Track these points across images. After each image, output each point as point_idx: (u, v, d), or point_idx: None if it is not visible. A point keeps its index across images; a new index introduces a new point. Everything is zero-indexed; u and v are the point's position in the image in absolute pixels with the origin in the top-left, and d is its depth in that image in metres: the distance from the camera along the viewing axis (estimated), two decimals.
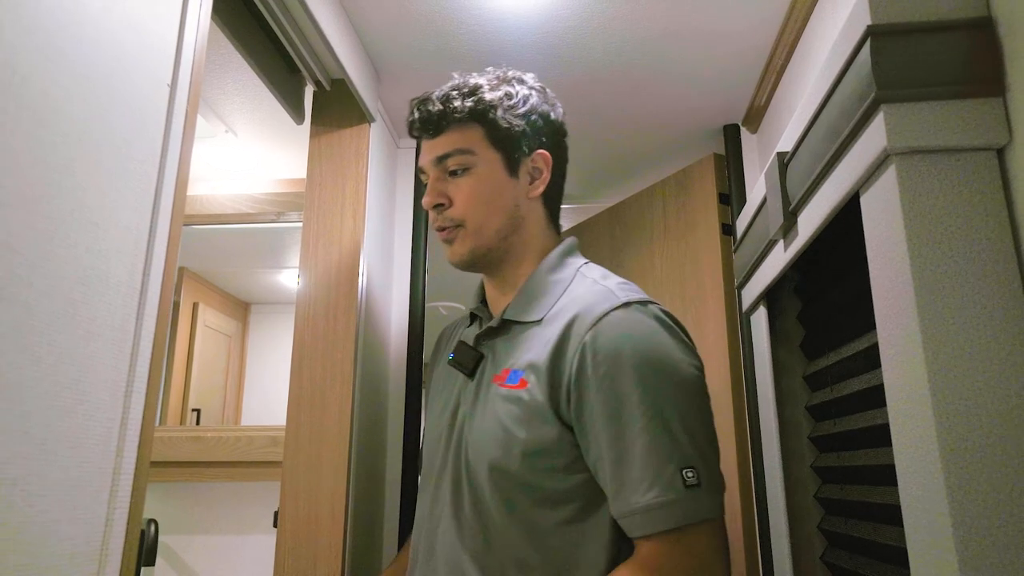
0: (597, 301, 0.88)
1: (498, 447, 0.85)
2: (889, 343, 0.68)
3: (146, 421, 0.64)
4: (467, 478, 0.87)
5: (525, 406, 0.85)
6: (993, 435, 0.58)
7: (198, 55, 0.74)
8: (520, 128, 0.97)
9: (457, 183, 0.96)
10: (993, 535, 0.57)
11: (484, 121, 0.96)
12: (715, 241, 1.59)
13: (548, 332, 0.88)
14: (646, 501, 0.77)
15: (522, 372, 0.88)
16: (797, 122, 0.91)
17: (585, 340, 0.84)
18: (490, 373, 0.92)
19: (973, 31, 0.64)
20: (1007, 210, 0.62)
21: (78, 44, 0.58)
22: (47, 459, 0.53)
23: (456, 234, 0.96)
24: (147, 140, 0.68)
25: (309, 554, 1.20)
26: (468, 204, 0.95)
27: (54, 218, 0.55)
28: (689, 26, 1.32)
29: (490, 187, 0.96)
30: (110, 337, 0.61)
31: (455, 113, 0.95)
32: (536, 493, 0.84)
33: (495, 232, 0.96)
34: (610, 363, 0.82)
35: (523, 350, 0.90)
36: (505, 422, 0.86)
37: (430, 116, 0.96)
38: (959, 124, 0.63)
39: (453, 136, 0.96)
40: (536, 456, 0.84)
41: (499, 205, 0.96)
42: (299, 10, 1.14)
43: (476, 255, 0.97)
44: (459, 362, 0.95)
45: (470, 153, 0.95)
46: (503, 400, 0.87)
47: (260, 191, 1.97)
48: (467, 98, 0.96)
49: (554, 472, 0.84)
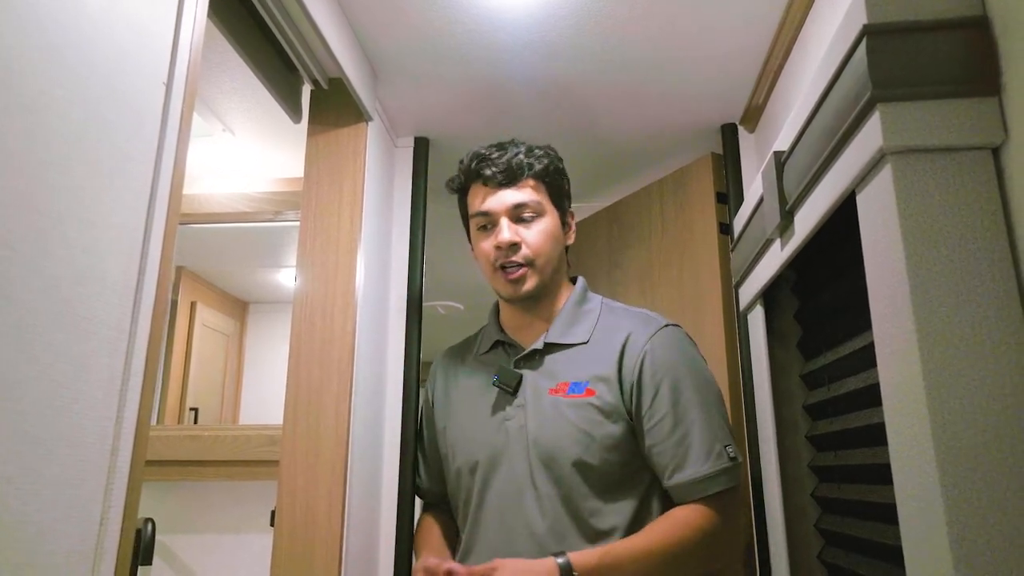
0: (644, 322, 1.16)
1: (578, 446, 1.08)
2: (885, 342, 0.68)
3: (141, 420, 0.63)
4: (545, 471, 1.09)
5: (598, 411, 1.09)
6: (988, 433, 0.58)
7: (194, 54, 0.74)
8: (566, 190, 1.24)
9: (529, 227, 1.16)
10: (987, 533, 0.57)
11: (549, 182, 1.20)
12: (713, 240, 1.59)
13: (601, 349, 1.14)
14: (706, 470, 1.05)
15: (586, 383, 1.11)
16: (794, 121, 0.91)
17: (645, 350, 1.11)
18: (542, 386, 1.14)
19: (969, 31, 0.64)
20: (1002, 209, 0.62)
21: (74, 43, 0.58)
22: (42, 457, 0.53)
23: (527, 272, 1.16)
24: (143, 139, 0.68)
25: (306, 553, 1.20)
26: (542, 245, 1.16)
27: (50, 216, 0.54)
28: (687, 25, 1.32)
29: (554, 234, 1.19)
30: (106, 336, 0.61)
31: (533, 169, 1.18)
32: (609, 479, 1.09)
33: (552, 271, 1.19)
34: (667, 368, 1.10)
35: (577, 366, 1.14)
36: (582, 425, 1.09)
37: (510, 166, 1.16)
38: (955, 123, 0.63)
39: (527, 190, 1.17)
40: (610, 451, 1.08)
41: (557, 250, 1.20)
42: (296, 9, 1.13)
43: (539, 289, 1.17)
44: (504, 383, 1.16)
45: (541, 205, 1.18)
46: (574, 407, 1.10)
47: (257, 190, 1.97)
48: (539, 160, 1.19)
49: (621, 464, 1.09)
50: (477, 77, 1.49)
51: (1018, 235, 0.61)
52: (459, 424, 1.22)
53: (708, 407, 1.10)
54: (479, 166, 1.18)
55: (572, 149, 1.69)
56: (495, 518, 1.11)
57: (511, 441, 1.13)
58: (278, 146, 1.83)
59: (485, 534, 1.12)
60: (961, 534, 0.57)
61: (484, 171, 1.17)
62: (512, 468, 1.11)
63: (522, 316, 1.22)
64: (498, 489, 1.12)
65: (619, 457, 1.09)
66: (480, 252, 1.21)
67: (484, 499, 1.13)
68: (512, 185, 1.17)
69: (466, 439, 1.19)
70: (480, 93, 1.55)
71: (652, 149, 1.81)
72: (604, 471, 1.08)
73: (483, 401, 1.19)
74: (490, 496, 1.13)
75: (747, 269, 1.22)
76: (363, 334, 1.37)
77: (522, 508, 1.09)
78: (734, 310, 1.52)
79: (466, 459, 1.17)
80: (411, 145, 1.72)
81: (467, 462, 1.17)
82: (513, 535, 1.08)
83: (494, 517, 1.11)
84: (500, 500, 1.11)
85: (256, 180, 1.99)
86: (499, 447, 1.13)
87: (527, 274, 1.16)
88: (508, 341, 1.23)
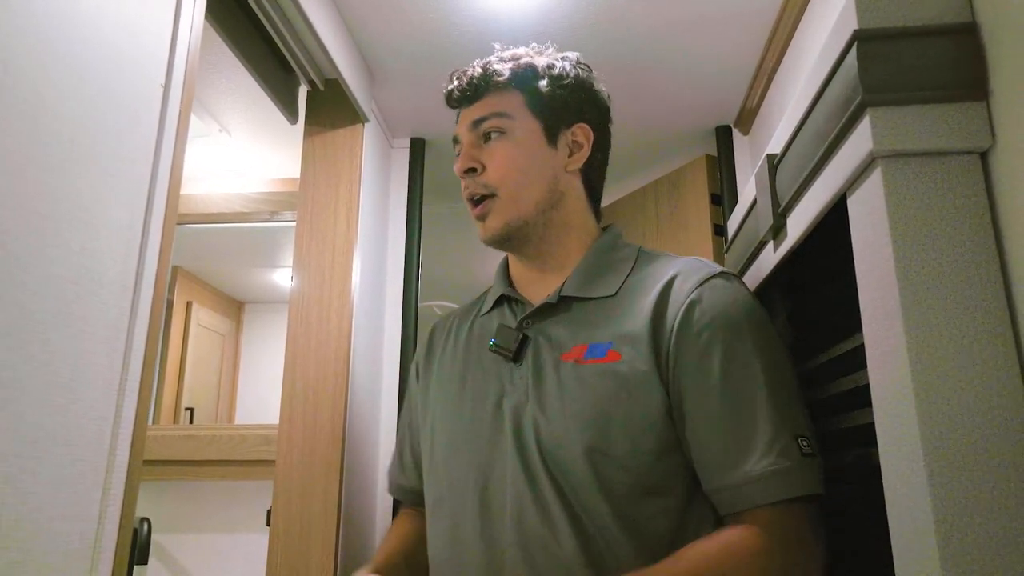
0: (694, 268, 0.86)
1: (593, 428, 0.78)
2: (874, 343, 0.69)
3: (139, 419, 0.64)
4: (545, 466, 0.79)
5: (624, 379, 0.80)
6: (975, 434, 0.59)
7: (192, 55, 0.75)
8: (562, 97, 0.93)
9: (491, 148, 0.90)
10: (974, 532, 0.58)
11: (524, 87, 0.92)
12: (707, 241, 1.60)
13: (634, 303, 0.85)
14: (761, 469, 0.73)
15: (610, 344, 0.82)
16: (786, 125, 0.92)
17: (691, 298, 0.81)
18: (553, 353, 0.85)
19: (958, 36, 0.65)
20: (990, 212, 0.63)
21: (72, 44, 0.59)
22: (40, 457, 0.54)
23: (490, 207, 0.90)
24: (140, 140, 0.68)
25: (302, 552, 1.20)
26: (502, 169, 0.89)
27: (48, 217, 0.55)
28: (681, 30, 1.33)
29: (527, 154, 0.90)
30: (103, 336, 0.61)
31: (495, 76, 0.92)
32: (636, 478, 0.77)
33: (534, 204, 0.90)
34: (721, 321, 0.80)
35: (599, 324, 0.85)
36: (599, 401, 0.79)
37: (470, 81, 0.93)
38: (944, 128, 0.64)
39: (491, 100, 0.92)
40: (637, 437, 0.78)
41: (536, 175, 0.90)
42: (293, 10, 1.14)
43: (512, 228, 0.90)
44: (503, 346, 0.87)
45: (507, 117, 0.91)
46: (592, 376, 0.81)
47: (254, 190, 1.98)
48: (508, 62, 0.93)
49: (653, 455, 0.78)
50: None
51: (1005, 238, 0.62)
52: (443, 404, 0.93)
53: (774, 382, 0.79)
54: (447, 85, 0.96)
55: None
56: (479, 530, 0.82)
57: (507, 425, 0.84)
58: (274, 147, 1.83)
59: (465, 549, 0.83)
60: (948, 534, 0.58)
61: (447, 89, 0.96)
62: (505, 465, 0.83)
63: (526, 266, 0.95)
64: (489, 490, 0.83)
65: (651, 445, 0.78)
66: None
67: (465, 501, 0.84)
68: (475, 100, 0.93)
69: (456, 423, 0.90)
70: None
71: (647, 151, 1.82)
72: (627, 465, 0.77)
73: (480, 372, 0.91)
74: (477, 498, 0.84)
75: (741, 270, 1.22)
76: (359, 334, 1.38)
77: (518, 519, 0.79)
78: None
79: (456, 446, 0.89)
80: (407, 146, 1.73)
81: (456, 449, 0.88)
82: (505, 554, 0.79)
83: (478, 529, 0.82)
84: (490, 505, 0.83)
85: (252, 180, 2.00)
86: (494, 433, 0.85)
87: (490, 208, 0.90)
88: (514, 296, 0.95)
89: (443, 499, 0.88)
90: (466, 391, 0.91)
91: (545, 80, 0.92)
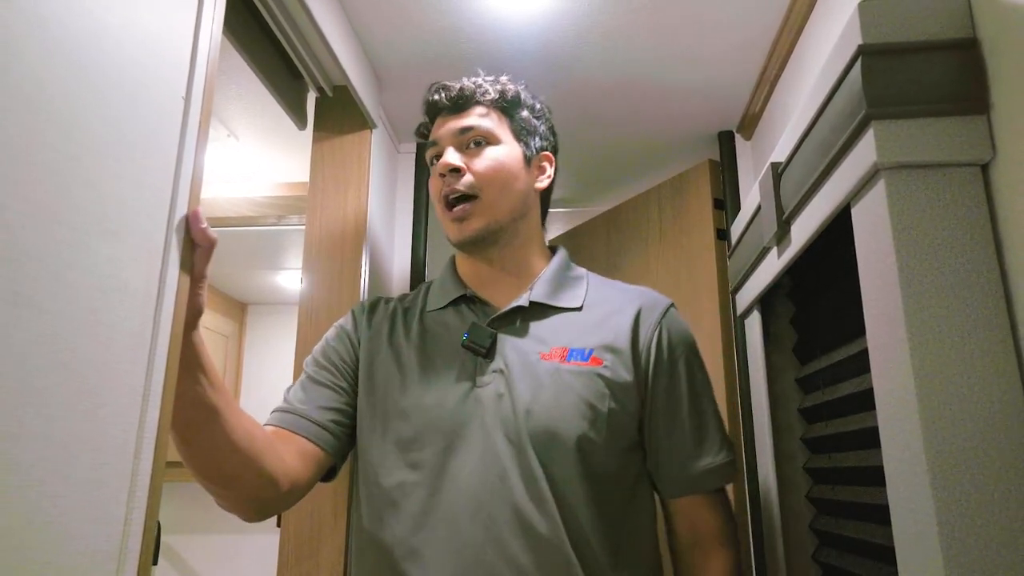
0: (652, 299, 1.04)
1: (585, 420, 0.91)
2: (878, 349, 0.71)
3: (162, 424, 0.65)
4: (539, 448, 0.89)
5: (608, 383, 0.94)
6: (976, 438, 0.61)
7: (211, 68, 0.76)
8: (536, 127, 1.06)
9: (477, 153, 0.99)
10: (977, 534, 0.59)
11: (509, 112, 1.04)
12: (710, 246, 1.61)
13: (604, 318, 0.99)
14: (720, 459, 0.98)
15: (591, 351, 0.95)
16: (791, 135, 0.93)
17: (660, 329, 0.99)
18: (527, 350, 0.95)
19: (959, 51, 0.67)
20: (990, 223, 0.65)
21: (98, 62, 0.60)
22: (70, 462, 0.55)
23: (470, 210, 0.98)
24: (163, 151, 0.70)
25: (312, 553, 1.22)
26: (489, 173, 0.98)
27: (76, 229, 0.56)
28: (686, 36, 1.34)
29: (509, 166, 1.00)
30: (128, 343, 0.63)
31: (486, 95, 1.02)
32: (608, 467, 0.92)
33: (509, 212, 1.00)
34: (682, 348, 1.00)
35: (574, 332, 0.98)
36: (586, 396, 0.92)
37: (460, 92, 1.02)
38: (945, 141, 0.66)
39: (480, 116, 1.02)
40: (615, 431, 0.93)
41: (514, 186, 1.01)
42: (303, 18, 1.16)
43: (488, 231, 0.99)
44: (476, 342, 0.95)
45: (494, 132, 1.01)
46: (577, 375, 0.93)
47: (261, 194, 1.99)
48: (496, 85, 1.04)
49: (624, 449, 0.95)
50: None
51: (1006, 248, 0.64)
52: (406, 388, 0.96)
53: (712, 394, 1.02)
54: (431, 93, 1.05)
55: (572, 154, 1.72)
56: (463, 505, 0.87)
57: (485, 411, 0.91)
58: (281, 151, 1.85)
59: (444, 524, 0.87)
60: (951, 535, 0.60)
61: (433, 97, 1.04)
62: (488, 443, 0.89)
63: (487, 270, 1.04)
64: (467, 469, 0.89)
65: (621, 441, 0.94)
66: (430, 190, 1.05)
67: (442, 481, 0.89)
68: (462, 111, 1.02)
69: (419, 406, 0.94)
70: None
71: (651, 155, 1.84)
72: (605, 455, 0.92)
73: (441, 363, 0.97)
74: (452, 477, 0.89)
75: (744, 275, 1.24)
76: None
77: (507, 493, 0.87)
78: (731, 315, 1.55)
79: (418, 429, 0.92)
80: (413, 151, 1.75)
81: (420, 433, 0.92)
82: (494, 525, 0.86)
83: (461, 504, 0.87)
84: (471, 483, 0.88)
85: (260, 185, 2.01)
86: (466, 417, 0.91)
87: (471, 211, 0.97)
88: (475, 297, 1.02)
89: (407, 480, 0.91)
90: (427, 380, 0.96)
91: (526, 111, 1.06)
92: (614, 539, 0.91)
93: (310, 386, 0.99)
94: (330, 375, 1.00)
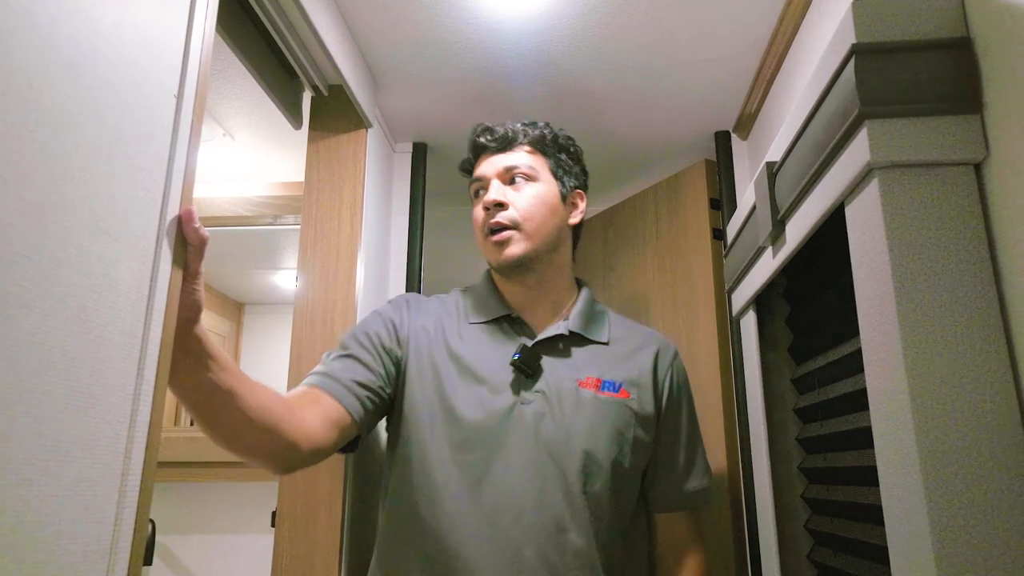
0: (664, 342, 1.19)
1: (616, 446, 1.04)
2: (872, 348, 0.71)
3: (153, 423, 0.65)
4: (575, 469, 1.01)
5: (634, 414, 1.08)
6: (969, 437, 0.61)
7: (203, 66, 0.76)
8: (572, 169, 1.20)
9: (520, 189, 1.12)
10: (968, 533, 0.59)
11: (550, 155, 1.17)
12: (706, 246, 1.61)
13: (628, 355, 1.13)
14: (705, 483, 1.15)
15: (620, 384, 1.09)
16: (785, 134, 0.93)
17: (672, 370, 1.16)
18: (566, 376, 1.08)
19: (953, 51, 0.67)
20: (984, 222, 0.65)
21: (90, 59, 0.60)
22: (61, 461, 0.55)
23: (512, 236, 1.09)
24: (155, 149, 0.69)
25: (307, 554, 1.22)
26: (529, 207, 1.11)
27: (67, 227, 0.56)
28: (682, 35, 1.34)
29: (548, 201, 1.13)
30: (120, 342, 0.63)
31: (527, 137, 1.16)
32: (628, 487, 1.08)
33: (546, 241, 1.12)
34: (686, 388, 1.18)
35: (603, 364, 1.11)
36: (617, 425, 1.06)
37: (506, 133, 1.16)
38: (939, 140, 0.66)
39: (524, 155, 1.15)
40: (636, 456, 1.07)
41: (552, 219, 1.13)
42: (298, 17, 1.15)
43: (528, 256, 1.10)
44: (526, 363, 1.06)
45: (535, 170, 1.14)
46: (610, 405, 1.07)
47: (256, 194, 1.99)
48: (539, 130, 1.17)
49: (639, 472, 1.11)
50: (475, 84, 1.51)
51: (999, 247, 0.64)
52: (457, 391, 1.05)
53: (699, 427, 1.20)
54: (477, 135, 1.19)
55: None
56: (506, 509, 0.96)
57: (526, 427, 1.01)
58: (277, 151, 1.85)
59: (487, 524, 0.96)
60: (943, 535, 0.60)
61: (480, 139, 1.18)
62: (529, 457, 1.00)
63: (526, 294, 1.15)
64: (509, 477, 0.99)
65: (639, 464, 1.09)
66: (473, 220, 1.16)
67: (484, 485, 0.98)
68: (506, 150, 1.16)
69: (470, 412, 1.03)
70: (478, 100, 1.58)
71: (647, 155, 1.84)
72: (630, 477, 1.07)
73: (488, 375, 1.06)
74: (493, 483, 0.98)
75: (740, 275, 1.24)
76: None
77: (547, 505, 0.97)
78: (727, 314, 1.54)
79: (467, 434, 1.01)
80: (409, 151, 1.74)
81: (468, 437, 1.01)
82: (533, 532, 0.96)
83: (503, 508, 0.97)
84: (513, 490, 0.98)
85: (255, 184, 2.01)
86: (510, 429, 1.01)
87: (512, 237, 1.09)
88: (518, 318, 1.13)
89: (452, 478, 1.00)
90: (477, 389, 1.05)
91: (563, 153, 1.19)
92: (628, 549, 1.07)
93: (350, 361, 1.05)
94: (371, 357, 1.06)
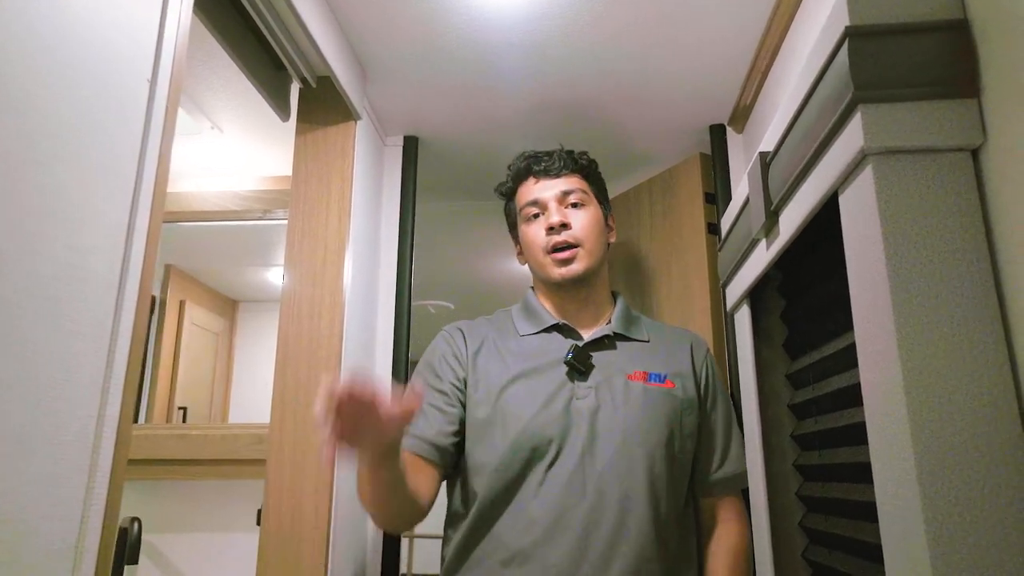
0: (696, 337, 1.32)
1: (666, 432, 1.15)
2: (866, 341, 0.69)
3: (123, 418, 0.63)
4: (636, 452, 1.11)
5: (680, 401, 1.19)
6: (965, 432, 0.59)
7: (179, 50, 0.74)
8: (606, 192, 1.36)
9: (577, 213, 1.25)
10: (964, 531, 0.57)
11: (593, 181, 1.32)
12: (701, 240, 1.60)
13: (666, 350, 1.25)
14: (743, 467, 1.21)
15: (666, 375, 1.20)
16: (779, 122, 0.91)
17: (707, 361, 1.28)
18: (616, 371, 1.18)
19: (949, 33, 0.65)
20: (981, 209, 0.63)
21: (59, 39, 0.58)
22: (25, 456, 0.53)
23: (576, 254, 1.23)
24: (127, 135, 0.67)
25: (293, 552, 1.20)
26: (588, 229, 1.25)
27: (34, 214, 0.54)
28: (676, 28, 1.32)
29: (599, 223, 1.28)
30: (88, 334, 0.61)
31: (575, 163, 1.30)
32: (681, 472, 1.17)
33: (599, 258, 1.26)
34: (718, 376, 1.29)
35: (647, 359, 1.22)
36: (667, 413, 1.16)
37: (556, 160, 1.28)
38: (935, 125, 0.64)
39: (574, 180, 1.28)
40: (686, 442, 1.18)
41: (602, 239, 1.28)
42: (284, 7, 1.13)
43: (588, 272, 1.24)
44: (579, 361, 1.17)
45: (587, 195, 1.28)
46: (659, 395, 1.18)
47: (246, 188, 1.97)
48: (584, 158, 1.32)
49: (688, 459, 1.19)
50: (467, 77, 1.49)
51: (996, 235, 0.62)
52: (518, 395, 1.15)
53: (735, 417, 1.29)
54: (528, 162, 1.30)
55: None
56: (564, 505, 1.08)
57: (583, 421, 1.12)
58: (267, 144, 1.82)
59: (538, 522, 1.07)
60: (938, 532, 0.58)
61: (534, 166, 1.29)
62: (583, 450, 1.10)
63: (572, 303, 1.27)
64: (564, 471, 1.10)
65: (689, 448, 1.18)
66: (529, 240, 1.27)
67: (543, 484, 1.09)
68: (560, 175, 1.28)
69: (529, 412, 1.13)
70: (470, 93, 1.55)
71: (641, 149, 1.82)
72: (681, 462, 1.16)
73: (544, 377, 1.17)
74: (554, 476, 1.10)
75: (734, 269, 1.22)
76: (351, 333, 1.37)
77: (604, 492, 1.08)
78: (721, 309, 1.53)
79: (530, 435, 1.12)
80: (400, 144, 1.72)
81: (530, 438, 1.12)
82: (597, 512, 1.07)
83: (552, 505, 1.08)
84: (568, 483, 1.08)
85: (245, 178, 1.98)
86: (569, 424, 1.12)
87: (577, 255, 1.22)
88: (566, 325, 1.25)
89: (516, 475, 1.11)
90: (534, 391, 1.16)
91: (598, 175, 1.34)
92: (683, 534, 1.16)
93: (432, 413, 1.17)
94: (445, 398, 1.18)
